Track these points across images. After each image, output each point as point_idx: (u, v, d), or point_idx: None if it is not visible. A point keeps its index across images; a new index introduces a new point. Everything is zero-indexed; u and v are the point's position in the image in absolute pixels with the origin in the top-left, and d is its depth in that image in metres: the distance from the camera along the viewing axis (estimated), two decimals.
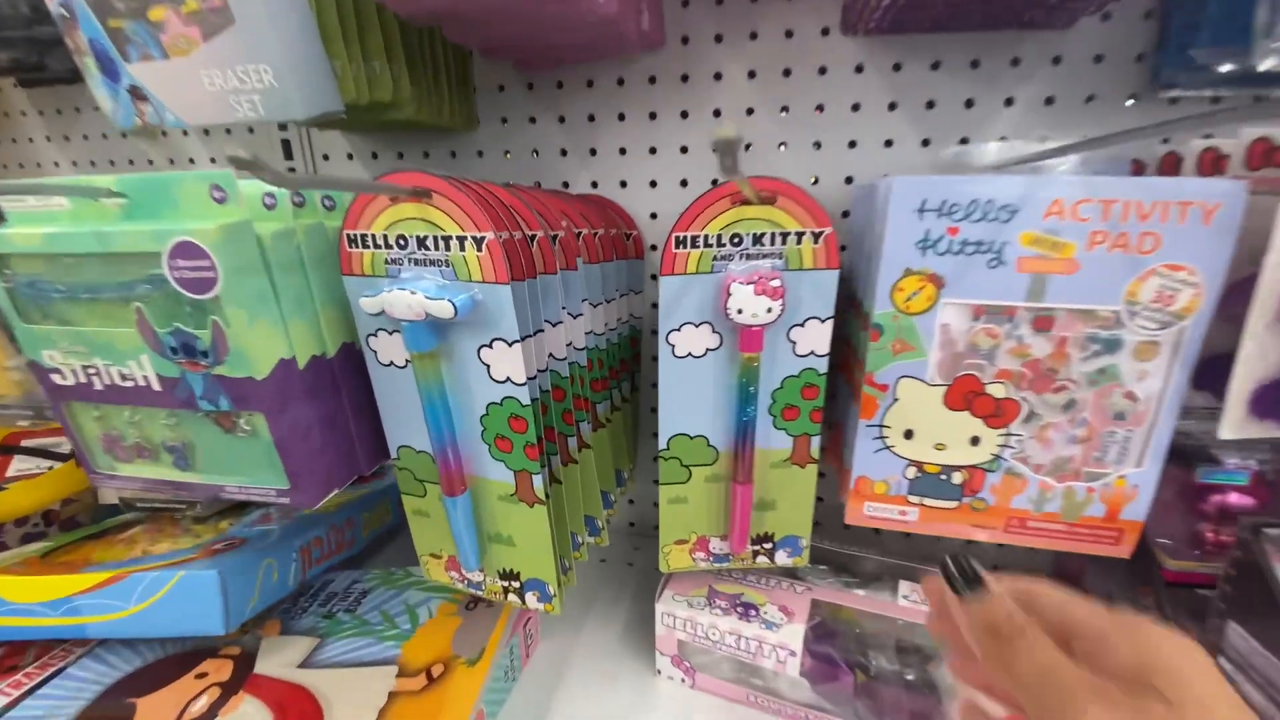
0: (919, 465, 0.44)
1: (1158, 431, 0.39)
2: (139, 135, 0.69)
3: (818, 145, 0.55)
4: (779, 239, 0.40)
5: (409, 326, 0.35)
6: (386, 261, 0.36)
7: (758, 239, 0.40)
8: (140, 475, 0.43)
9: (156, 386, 0.38)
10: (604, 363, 0.51)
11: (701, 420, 0.44)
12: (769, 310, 0.40)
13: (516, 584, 0.43)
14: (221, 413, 0.38)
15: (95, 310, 0.37)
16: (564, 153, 0.60)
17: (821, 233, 0.39)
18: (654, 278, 0.63)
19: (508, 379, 0.36)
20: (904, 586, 0.51)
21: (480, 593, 0.45)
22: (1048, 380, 0.40)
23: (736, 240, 0.40)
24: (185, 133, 0.69)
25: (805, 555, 0.49)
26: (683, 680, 0.51)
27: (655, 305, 0.64)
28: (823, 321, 0.41)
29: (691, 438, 0.45)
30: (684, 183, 0.59)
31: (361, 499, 0.61)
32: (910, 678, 0.44)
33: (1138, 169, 0.45)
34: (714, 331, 0.42)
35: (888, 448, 0.44)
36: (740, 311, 0.40)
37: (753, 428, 0.43)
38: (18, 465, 0.65)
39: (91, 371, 0.39)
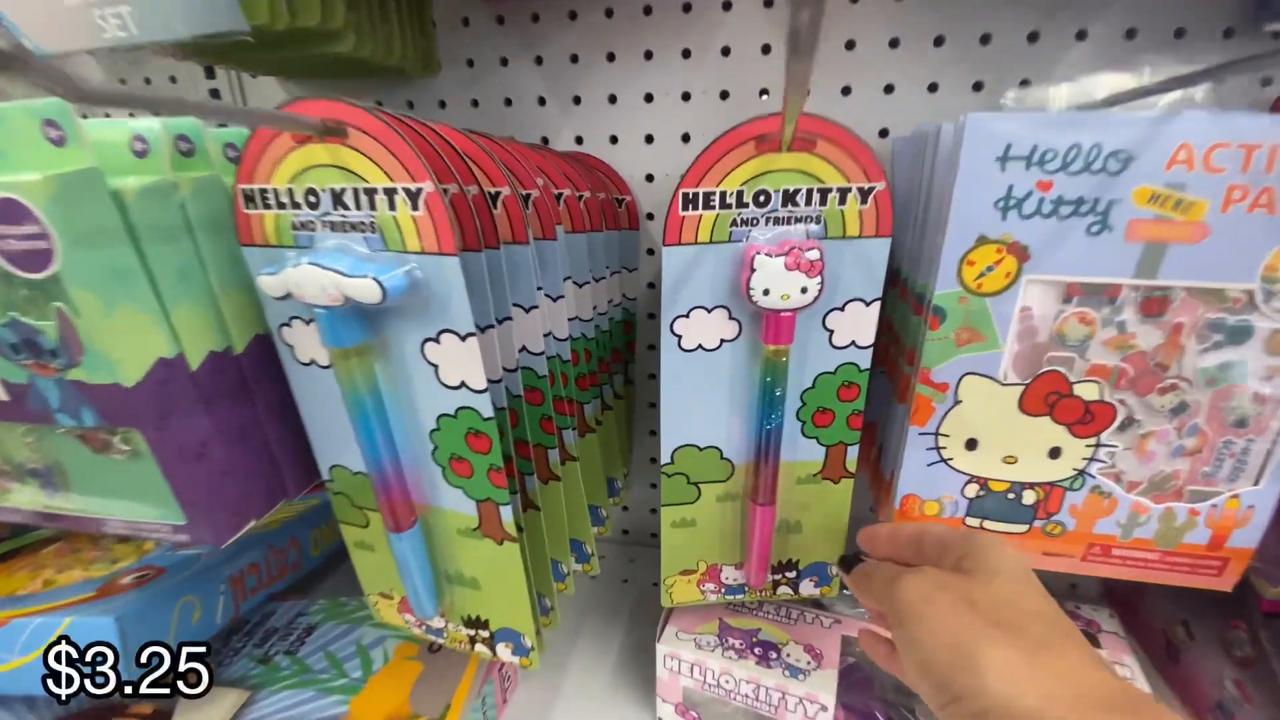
0: (982, 482, 0.36)
1: None
2: None
3: (846, 90, 0.46)
4: (817, 198, 0.31)
5: (325, 315, 0.26)
6: (294, 226, 0.27)
7: (789, 197, 0.31)
8: (5, 504, 0.33)
9: (3, 395, 0.29)
10: (592, 355, 0.42)
11: (714, 429, 0.36)
12: (804, 291, 0.31)
13: (485, 633, 0.35)
14: (87, 430, 0.29)
15: None
16: (542, 101, 0.51)
17: (872, 189, 0.30)
18: (651, 252, 0.54)
19: (462, 384, 0.27)
20: None
21: (442, 640, 0.37)
22: (1154, 379, 0.32)
23: (762, 199, 0.31)
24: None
25: (836, 585, 0.41)
26: None
27: (653, 285, 0.55)
28: (867, 305, 0.32)
29: (701, 449, 0.36)
30: (686, 137, 0.49)
31: (307, 513, 0.52)
32: None
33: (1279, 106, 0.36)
34: (731, 318, 0.33)
35: (944, 460, 0.36)
36: (767, 292, 0.31)
37: (777, 438, 0.35)
38: None
39: None
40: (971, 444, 0.35)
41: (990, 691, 0.22)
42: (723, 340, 0.33)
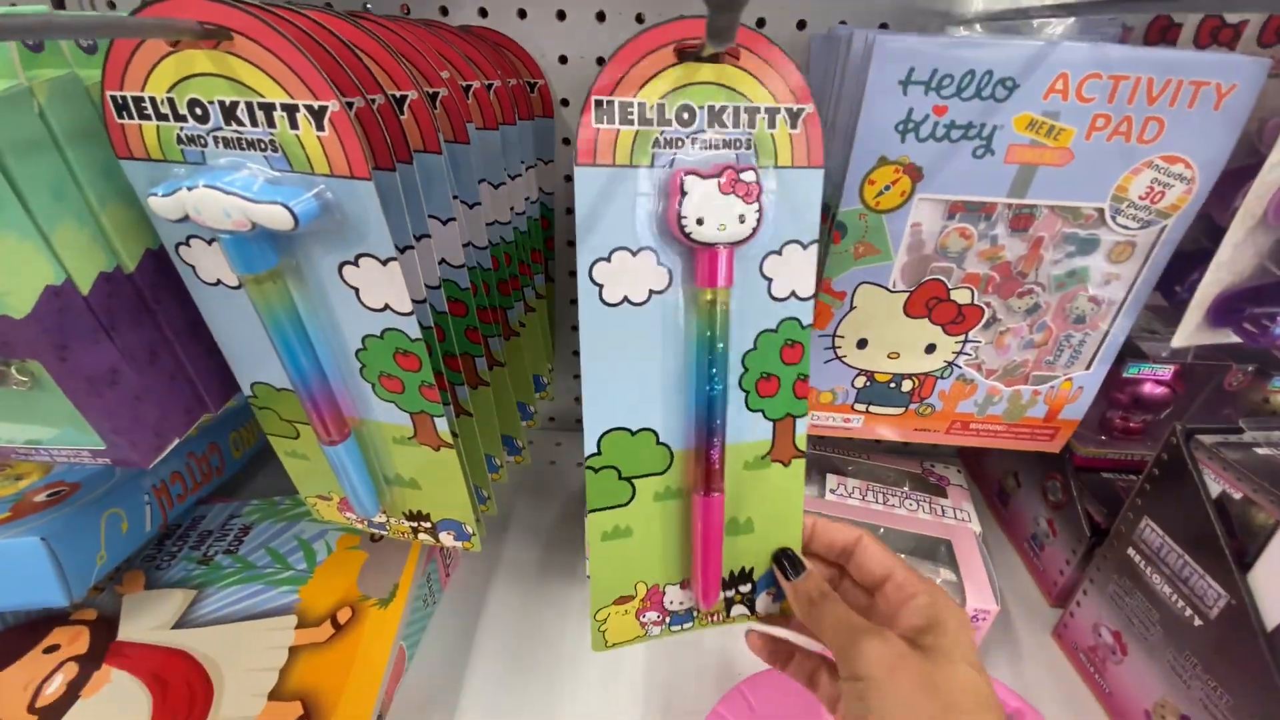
0: (869, 375, 0.41)
1: (1112, 335, 0.37)
2: None
3: None
4: (745, 118, 0.26)
5: (231, 241, 0.25)
6: (179, 140, 0.25)
7: (716, 115, 0.26)
8: None
9: None
10: (512, 258, 0.42)
11: (648, 406, 0.29)
12: (742, 220, 0.26)
13: (427, 524, 0.38)
14: None
15: None
16: None
17: (800, 111, 0.26)
18: (567, 142, 0.52)
19: (386, 306, 0.28)
20: (831, 480, 0.50)
21: (385, 533, 0.40)
22: (1015, 284, 0.36)
23: (686, 116, 0.26)
24: None
25: None
26: None
27: (569, 178, 0.54)
28: (805, 248, 0.27)
29: (634, 433, 0.29)
30: (600, 16, 0.46)
31: (224, 417, 0.51)
32: None
33: (1126, 37, 0.39)
34: (659, 263, 0.27)
35: (839, 358, 0.40)
36: (700, 222, 0.25)
37: (722, 408, 0.28)
38: None
39: None
40: (862, 343, 0.39)
41: None
42: (651, 292, 0.27)
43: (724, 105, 0.26)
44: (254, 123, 0.23)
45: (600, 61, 0.48)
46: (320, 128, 0.23)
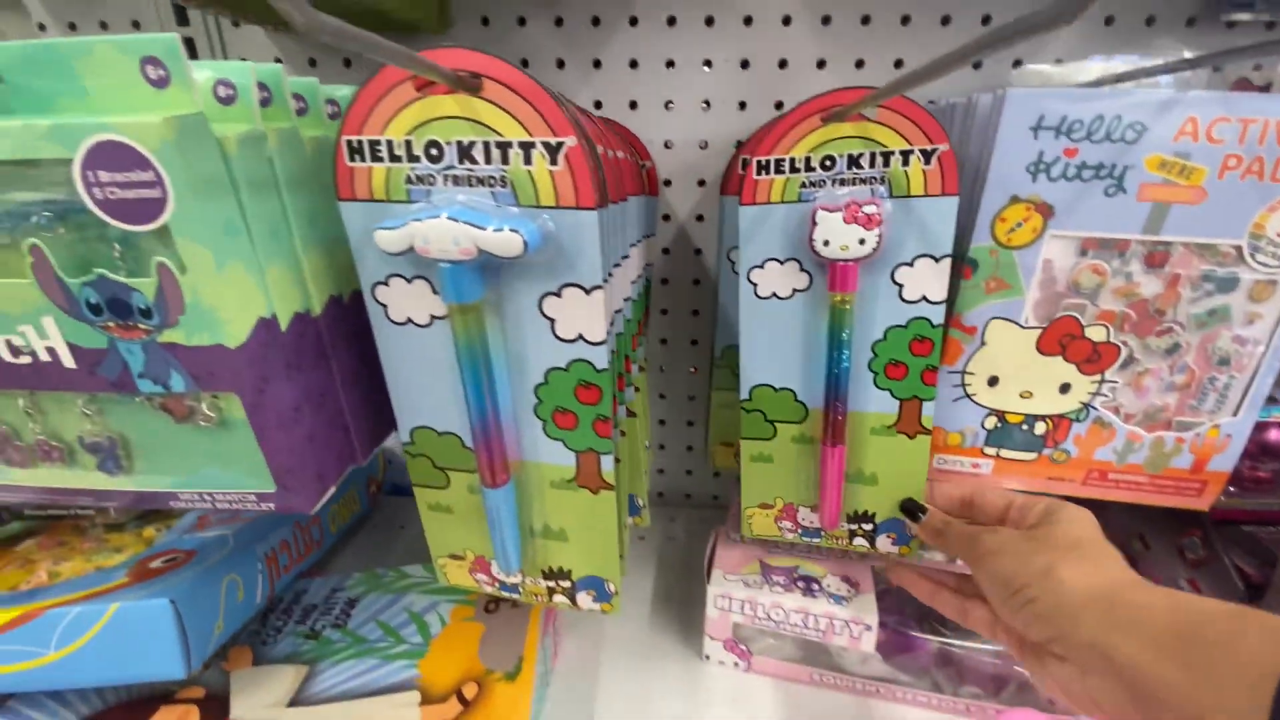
0: (1001, 415, 0.40)
1: (1260, 378, 0.37)
2: None
3: (859, 64, 0.49)
4: (880, 160, 0.34)
5: (449, 270, 0.26)
6: (409, 180, 0.26)
7: (854, 161, 0.34)
8: (43, 485, 0.31)
9: (69, 362, 0.26)
10: (632, 319, 0.43)
11: (789, 371, 0.39)
12: (861, 241, 0.34)
13: (566, 584, 0.36)
14: (173, 396, 0.28)
15: None
16: (560, 64, 0.50)
17: (934, 150, 0.33)
18: (667, 218, 0.55)
19: (579, 337, 0.28)
20: None
21: (516, 596, 0.38)
22: (1153, 322, 0.37)
23: (828, 164, 0.34)
24: None
25: (915, 546, 0.42)
26: (736, 664, 0.46)
27: (668, 251, 0.56)
28: (937, 261, 0.35)
29: (776, 390, 0.39)
30: (707, 104, 0.51)
31: None
32: (987, 642, 0.42)
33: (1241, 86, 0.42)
34: (802, 270, 0.36)
35: (968, 396, 0.40)
36: (827, 243, 0.34)
37: (845, 381, 0.37)
38: None
39: None
40: (993, 381, 0.39)
41: (1065, 587, 0.28)
42: (795, 290, 0.36)
43: (860, 152, 0.33)
44: (488, 160, 0.25)
45: (703, 145, 0.52)
46: (554, 162, 0.25)
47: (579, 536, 0.34)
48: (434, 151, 0.26)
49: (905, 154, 0.33)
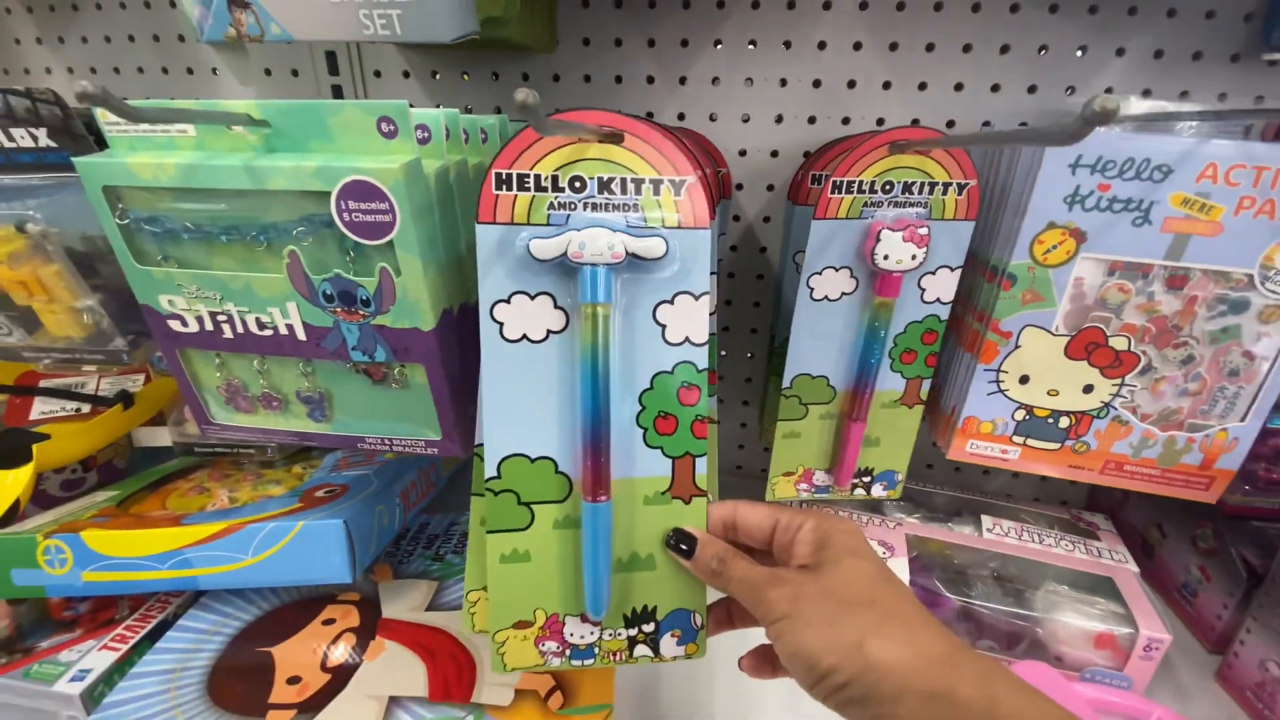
0: (1029, 409, 0.46)
1: (1266, 389, 0.42)
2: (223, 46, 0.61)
3: (922, 86, 0.54)
4: (927, 189, 0.40)
5: (591, 272, 0.33)
6: (551, 206, 0.34)
7: (908, 187, 0.40)
8: (265, 426, 0.40)
9: (301, 335, 0.35)
10: None
11: (826, 361, 0.46)
12: (914, 257, 0.41)
13: (650, 626, 0.34)
14: (374, 364, 0.36)
15: (230, 252, 0.34)
16: (650, 80, 0.57)
17: (966, 184, 0.40)
18: (737, 218, 0.62)
19: (685, 340, 0.34)
20: (986, 520, 0.55)
21: (590, 662, 0.35)
22: (1170, 336, 0.42)
23: (888, 188, 0.40)
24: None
25: (899, 489, 0.51)
26: None
27: (735, 248, 0.63)
28: (953, 270, 0.43)
29: (814, 378, 0.46)
30: (779, 119, 0.57)
31: None
32: (1008, 604, 0.48)
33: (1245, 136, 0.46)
34: (851, 276, 0.43)
35: (1001, 391, 0.46)
36: (887, 257, 0.41)
37: (876, 371, 0.45)
38: (40, 408, 0.60)
39: (222, 319, 0.36)
40: (1024, 379, 0.45)
41: (881, 668, 0.25)
42: (843, 293, 0.43)
43: (915, 180, 0.40)
44: (624, 191, 0.33)
45: (774, 154, 0.58)
46: (679, 194, 0.32)
47: (667, 560, 0.34)
48: (577, 184, 0.33)
49: (945, 185, 0.40)
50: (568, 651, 0.35)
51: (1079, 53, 0.51)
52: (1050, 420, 0.46)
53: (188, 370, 0.39)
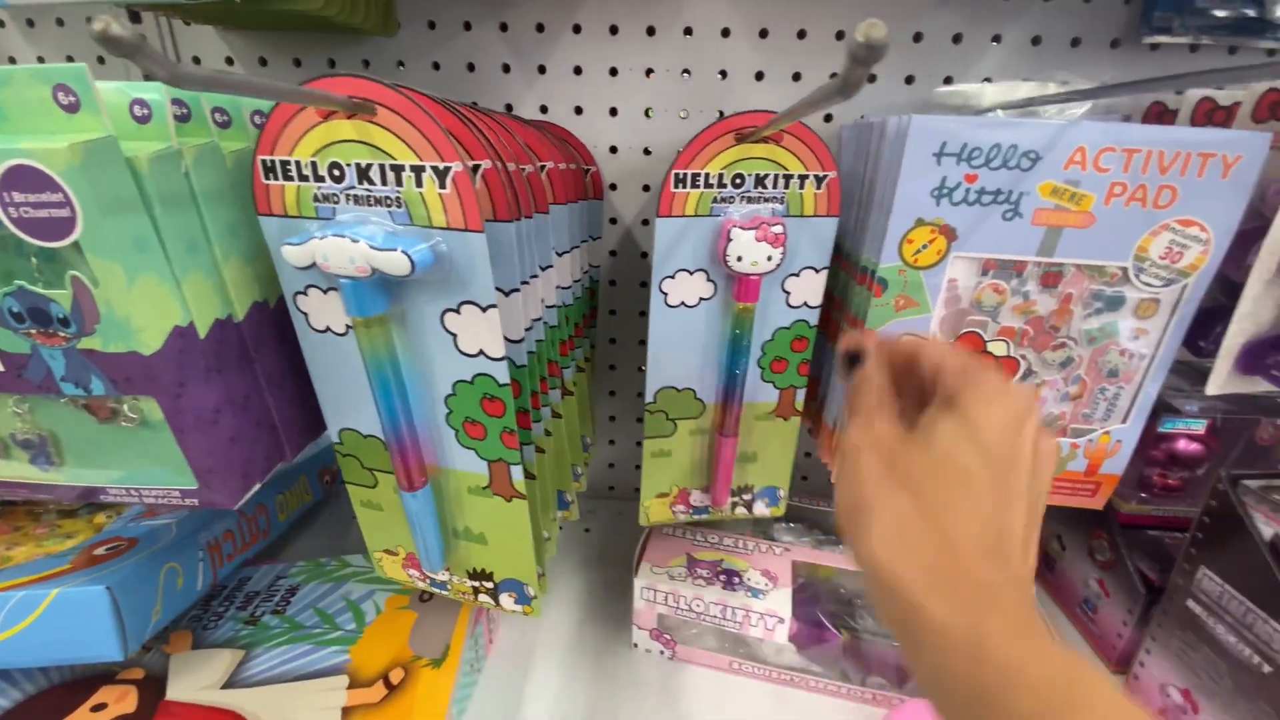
0: None
1: (1145, 389, 0.39)
2: None
3: (796, 77, 0.50)
4: (781, 182, 0.36)
5: (350, 285, 0.28)
6: (316, 198, 0.28)
7: (760, 180, 0.36)
8: None
9: None
10: (570, 320, 0.45)
11: (690, 372, 0.41)
12: (769, 259, 0.37)
13: (489, 585, 0.38)
14: (95, 398, 0.29)
15: None
16: (506, 69, 0.52)
17: (825, 177, 0.36)
18: (614, 221, 0.56)
19: (480, 352, 0.30)
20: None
21: (445, 593, 0.40)
22: (1048, 338, 0.39)
23: (738, 181, 0.36)
24: (1, 23, 0.53)
25: (783, 506, 0.47)
26: (661, 653, 0.48)
27: (615, 253, 0.58)
28: (818, 272, 0.39)
29: (679, 390, 0.42)
30: (648, 112, 0.52)
31: (273, 480, 0.52)
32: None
33: (1159, 114, 0.43)
34: (709, 280, 0.38)
35: None
36: (740, 259, 0.36)
37: (743, 381, 0.41)
38: None
39: None
40: None
41: (867, 556, 0.22)
42: (701, 298, 0.39)
43: (767, 173, 0.36)
44: (383, 181, 0.27)
45: (646, 151, 0.53)
46: (443, 186, 0.26)
47: (497, 541, 0.36)
48: (336, 172, 0.27)
49: (803, 178, 0.36)
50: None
51: (954, 42, 0.48)
52: None
53: None
